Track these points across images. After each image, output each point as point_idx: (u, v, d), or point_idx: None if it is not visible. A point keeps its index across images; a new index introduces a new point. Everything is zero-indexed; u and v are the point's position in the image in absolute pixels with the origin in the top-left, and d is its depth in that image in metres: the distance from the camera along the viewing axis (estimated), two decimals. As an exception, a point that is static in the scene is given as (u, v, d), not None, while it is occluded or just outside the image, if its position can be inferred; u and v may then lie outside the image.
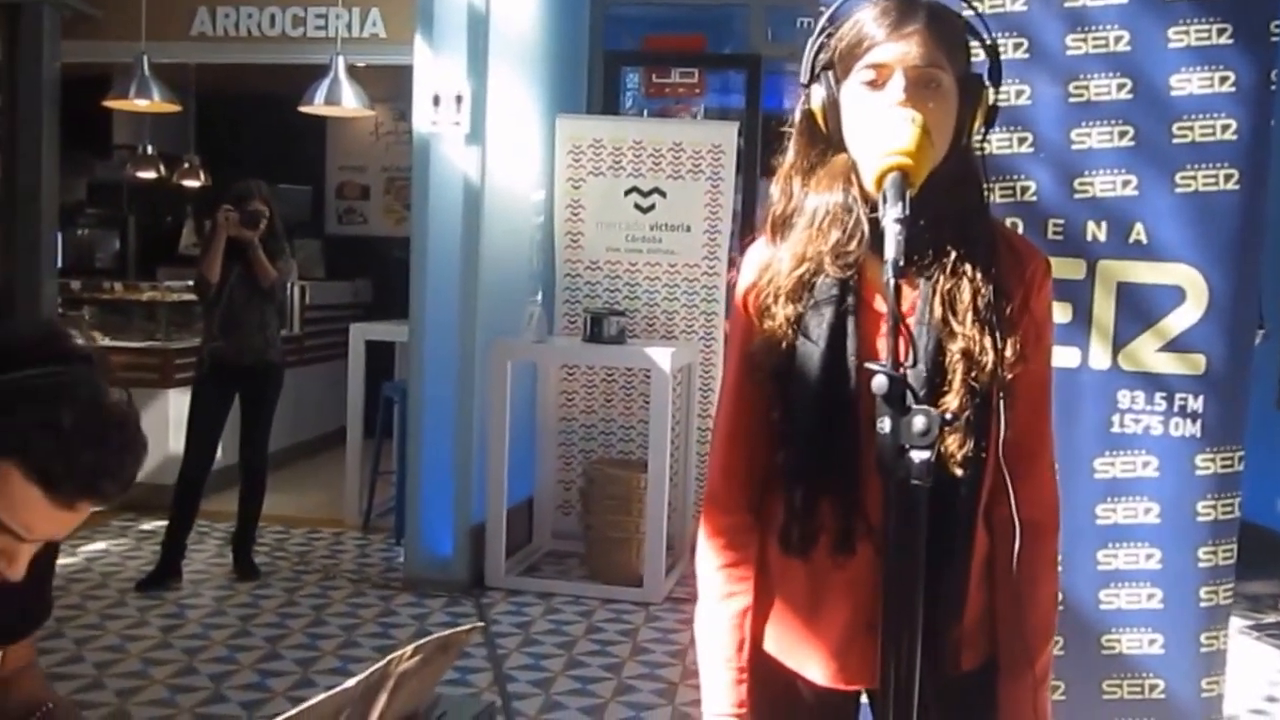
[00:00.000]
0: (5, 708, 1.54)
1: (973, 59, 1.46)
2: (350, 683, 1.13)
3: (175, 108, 6.52)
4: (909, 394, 1.23)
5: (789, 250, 1.46)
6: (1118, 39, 2.31)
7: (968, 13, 1.47)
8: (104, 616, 4.48)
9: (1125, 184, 2.33)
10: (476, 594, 4.95)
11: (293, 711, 1.02)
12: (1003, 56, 2.18)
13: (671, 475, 5.15)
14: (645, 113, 6.38)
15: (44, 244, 5.93)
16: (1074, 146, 2.34)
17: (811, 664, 1.51)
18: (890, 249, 1.22)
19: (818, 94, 1.43)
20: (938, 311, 1.38)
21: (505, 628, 4.51)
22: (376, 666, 1.19)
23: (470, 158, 4.94)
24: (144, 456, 1.29)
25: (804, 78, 1.45)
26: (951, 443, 1.34)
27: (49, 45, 5.78)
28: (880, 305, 1.42)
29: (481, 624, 2.32)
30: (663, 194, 5.62)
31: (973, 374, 1.36)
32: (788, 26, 6.28)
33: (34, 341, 1.27)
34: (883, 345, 1.38)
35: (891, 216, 1.24)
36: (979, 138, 1.46)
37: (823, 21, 1.44)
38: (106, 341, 6.23)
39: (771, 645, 1.53)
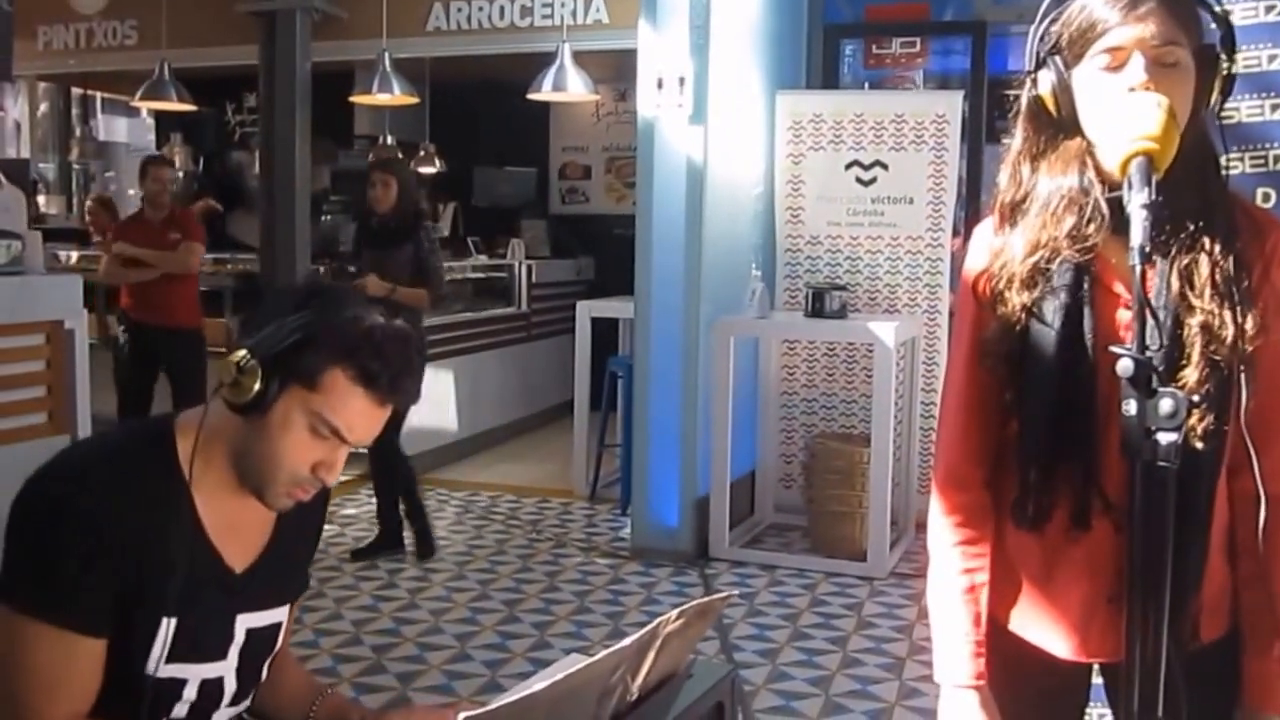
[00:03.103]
0: (285, 693, 1.71)
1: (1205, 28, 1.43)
2: (626, 641, 1.24)
3: (414, 100, 6.89)
4: (1155, 377, 1.24)
5: (1022, 236, 1.46)
6: (1383, -6, 2.17)
7: None
8: (358, 578, 4.82)
9: (1389, 148, 2.19)
10: (701, 564, 5.07)
11: (580, 665, 1.13)
12: (1254, 19, 2.11)
13: (895, 450, 5.12)
14: (866, 85, 6.31)
15: (298, 230, 6.39)
16: (1332, 111, 2.21)
17: (1054, 637, 1.53)
18: (1136, 235, 1.22)
19: (1046, 79, 1.43)
20: (1175, 286, 1.37)
21: (732, 593, 4.58)
22: (648, 627, 1.29)
23: (693, 138, 5.03)
24: (425, 369, 1.51)
25: (1029, 64, 1.45)
26: (1193, 416, 1.33)
27: (301, 47, 6.21)
28: (1118, 287, 1.43)
29: (734, 594, 2.40)
30: (884, 166, 5.57)
31: (1211, 347, 1.36)
32: (1014, -12, 6.08)
33: (309, 282, 1.51)
34: (1122, 326, 1.39)
35: (1138, 202, 1.23)
36: (1216, 109, 1.43)
37: (1045, 6, 1.44)
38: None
39: (1009, 619, 1.55)
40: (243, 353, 1.41)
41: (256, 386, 1.41)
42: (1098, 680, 1.62)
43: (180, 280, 5.87)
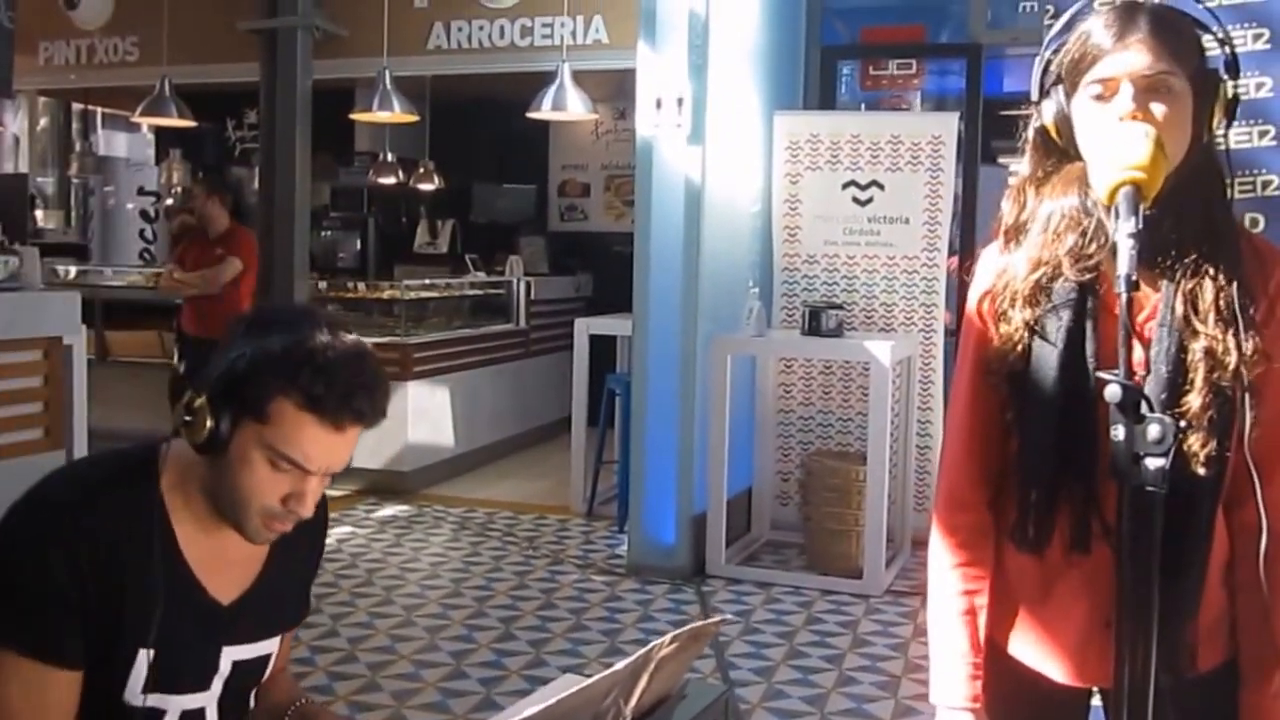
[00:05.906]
0: (267, 704, 1.72)
1: (1209, 53, 1.44)
2: (620, 665, 1.25)
3: (414, 118, 6.89)
4: (1143, 402, 1.25)
5: (1024, 255, 1.48)
6: (1371, 23, 2.19)
7: (1198, 9, 1.45)
8: (354, 595, 4.82)
9: (1379, 175, 2.21)
10: (697, 582, 5.07)
11: (572, 689, 1.14)
12: (1243, 48, 2.14)
13: (891, 468, 5.13)
14: (863, 106, 6.35)
15: (297, 248, 6.41)
16: (1322, 137, 2.24)
17: (1050, 661, 1.53)
18: (1123, 263, 1.24)
19: (1049, 109, 1.45)
20: (1179, 311, 1.38)
21: (726, 616, 4.60)
22: (641, 652, 1.31)
23: (691, 158, 5.05)
24: (388, 384, 1.47)
25: (1034, 95, 1.48)
26: (1194, 442, 1.34)
27: (302, 65, 6.23)
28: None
29: (728, 616, 2.41)
30: (881, 186, 5.60)
31: (1215, 373, 1.36)
32: (1009, 10, 6.11)
33: (255, 309, 1.52)
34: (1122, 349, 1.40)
35: (1124, 231, 1.25)
36: (1220, 133, 1.44)
37: (1048, 38, 1.47)
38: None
39: (1007, 642, 1.56)
40: (191, 391, 1.42)
41: (209, 425, 1.40)
42: (1097, 703, 1.61)
43: (227, 294, 5.99)
